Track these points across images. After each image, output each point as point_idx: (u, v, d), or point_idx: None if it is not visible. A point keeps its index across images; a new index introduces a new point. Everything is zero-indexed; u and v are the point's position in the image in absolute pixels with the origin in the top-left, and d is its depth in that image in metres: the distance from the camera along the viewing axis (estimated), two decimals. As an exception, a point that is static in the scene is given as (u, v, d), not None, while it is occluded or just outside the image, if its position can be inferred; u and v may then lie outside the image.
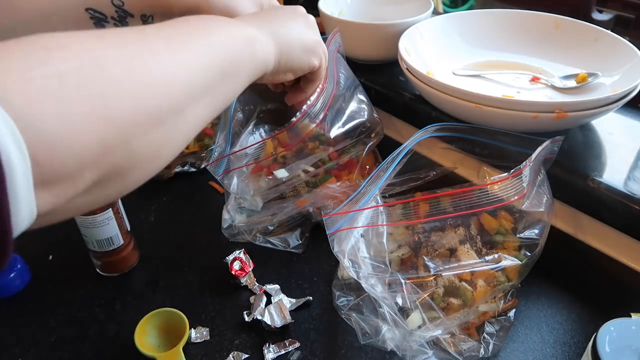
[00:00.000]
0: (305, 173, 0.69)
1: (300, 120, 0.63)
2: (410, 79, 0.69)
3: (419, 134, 0.60)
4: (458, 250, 0.58)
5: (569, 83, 0.70)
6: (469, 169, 0.72)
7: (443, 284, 0.56)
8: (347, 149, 0.71)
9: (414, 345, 0.53)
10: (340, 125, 0.70)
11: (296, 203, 0.68)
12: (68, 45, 0.27)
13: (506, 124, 0.62)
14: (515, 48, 0.79)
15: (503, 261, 0.55)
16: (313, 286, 0.65)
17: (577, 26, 0.75)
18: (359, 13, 0.91)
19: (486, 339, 0.55)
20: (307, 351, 0.57)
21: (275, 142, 0.68)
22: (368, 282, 0.53)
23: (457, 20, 0.81)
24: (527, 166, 0.53)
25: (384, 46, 0.80)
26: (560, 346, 0.56)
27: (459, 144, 0.66)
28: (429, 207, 0.57)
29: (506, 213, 0.60)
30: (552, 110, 0.58)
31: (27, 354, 0.58)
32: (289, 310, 0.60)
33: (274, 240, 0.71)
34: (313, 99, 0.62)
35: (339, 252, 0.53)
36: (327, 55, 0.55)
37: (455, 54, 0.79)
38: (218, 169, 0.64)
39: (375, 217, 0.56)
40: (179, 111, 0.33)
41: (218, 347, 0.58)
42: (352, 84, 0.74)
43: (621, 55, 0.68)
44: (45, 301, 0.64)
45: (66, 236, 0.73)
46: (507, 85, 0.72)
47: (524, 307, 0.60)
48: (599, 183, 0.59)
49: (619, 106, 0.60)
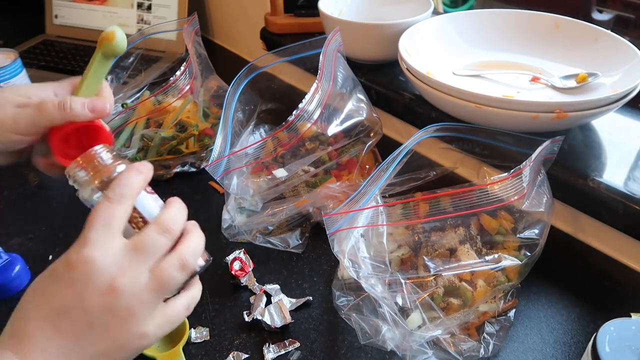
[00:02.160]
0: (305, 173, 0.69)
1: (297, 119, 0.63)
2: (410, 79, 0.69)
3: (419, 134, 0.60)
4: (458, 250, 0.58)
5: (569, 83, 0.70)
6: (469, 169, 0.72)
7: (443, 284, 0.56)
8: (346, 148, 0.71)
9: (414, 345, 0.53)
10: (339, 123, 0.70)
11: (296, 203, 0.68)
12: None
13: (506, 124, 0.62)
14: (515, 48, 0.79)
15: (503, 261, 0.55)
16: (313, 286, 0.65)
17: (577, 26, 0.75)
18: (359, 13, 0.91)
19: (486, 339, 0.55)
20: (307, 351, 0.57)
21: (275, 142, 0.68)
22: (368, 282, 0.53)
23: (457, 20, 0.81)
24: (527, 166, 0.53)
25: (384, 46, 0.80)
26: (560, 346, 0.56)
27: (459, 144, 0.66)
28: (429, 207, 0.58)
29: (506, 213, 0.60)
30: (552, 110, 0.58)
31: (27, 354, 0.58)
32: (289, 310, 0.60)
33: (274, 240, 0.71)
34: (308, 98, 0.62)
35: (339, 252, 0.53)
36: None
37: (455, 54, 0.79)
38: (217, 170, 0.64)
39: (375, 217, 0.56)
40: None
41: (218, 347, 0.58)
42: (351, 83, 0.74)
43: (621, 55, 0.68)
44: (45, 301, 0.64)
45: (66, 236, 0.73)
46: (507, 85, 0.72)
47: (524, 307, 0.60)
48: (599, 183, 0.59)
49: (619, 106, 0.60)
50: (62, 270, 0.37)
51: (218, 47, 1.28)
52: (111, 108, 0.48)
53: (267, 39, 1.02)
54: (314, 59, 0.68)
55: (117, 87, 0.88)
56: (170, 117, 0.84)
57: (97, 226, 0.38)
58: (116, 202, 0.39)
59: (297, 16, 0.98)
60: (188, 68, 0.83)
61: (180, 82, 0.83)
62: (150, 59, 1.11)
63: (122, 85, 0.89)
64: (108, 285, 0.37)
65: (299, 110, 0.63)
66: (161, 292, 0.39)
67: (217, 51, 1.26)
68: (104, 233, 0.38)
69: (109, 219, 0.38)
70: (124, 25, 1.23)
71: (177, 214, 0.42)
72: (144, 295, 0.38)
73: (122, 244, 0.38)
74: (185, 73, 0.83)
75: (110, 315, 0.37)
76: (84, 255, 0.37)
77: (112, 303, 0.37)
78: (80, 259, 0.37)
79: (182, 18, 1.17)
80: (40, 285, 0.39)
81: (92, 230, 0.38)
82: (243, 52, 1.23)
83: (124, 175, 0.41)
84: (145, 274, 0.38)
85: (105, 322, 0.37)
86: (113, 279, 0.37)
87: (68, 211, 0.78)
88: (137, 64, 0.90)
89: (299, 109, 0.63)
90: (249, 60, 0.74)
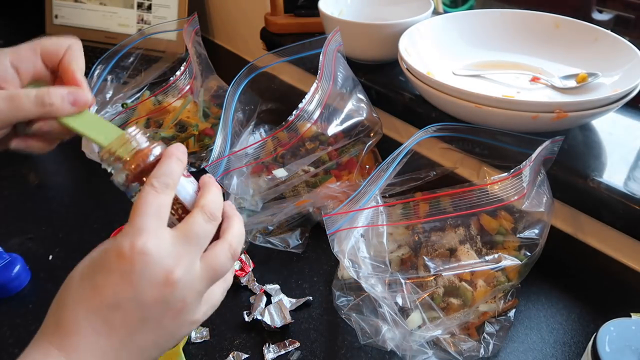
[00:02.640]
0: (305, 173, 0.69)
1: (297, 118, 0.63)
2: (410, 79, 0.69)
3: (419, 134, 0.60)
4: (458, 250, 0.58)
5: (569, 83, 0.70)
6: (469, 169, 0.72)
7: (443, 284, 0.56)
8: (346, 148, 0.71)
9: (414, 345, 0.53)
10: (339, 123, 0.70)
11: (296, 203, 0.68)
12: None
13: (506, 124, 0.62)
14: (515, 48, 0.79)
15: (503, 261, 0.55)
16: (313, 286, 0.65)
17: (577, 26, 0.75)
18: (359, 13, 0.90)
19: (486, 339, 0.55)
20: (307, 351, 0.57)
21: (275, 142, 0.68)
22: (368, 282, 0.53)
23: (457, 20, 0.81)
24: (527, 166, 0.53)
25: (384, 46, 0.80)
26: (560, 346, 0.56)
27: (459, 144, 0.66)
28: (429, 207, 0.58)
29: (506, 213, 0.60)
30: (552, 110, 0.58)
31: (27, 354, 0.58)
32: (289, 310, 0.60)
33: (274, 240, 0.71)
34: (308, 98, 0.62)
35: (339, 252, 0.53)
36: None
37: (455, 54, 0.79)
38: (217, 170, 0.64)
39: (375, 217, 0.56)
40: None
41: (218, 347, 0.58)
42: (351, 83, 0.74)
43: (621, 55, 0.68)
44: (45, 301, 0.64)
45: (66, 236, 0.73)
46: (507, 85, 0.72)
47: (524, 307, 0.60)
48: (599, 183, 0.59)
49: (619, 106, 0.60)
50: (114, 261, 0.35)
51: (218, 47, 1.28)
52: (93, 98, 0.43)
53: (267, 39, 1.02)
54: (314, 59, 0.68)
55: (117, 87, 0.88)
56: (170, 117, 0.84)
57: (148, 215, 0.36)
58: (162, 191, 0.37)
59: (297, 16, 0.98)
60: (188, 68, 0.83)
61: (180, 82, 0.83)
62: (150, 59, 1.11)
63: (122, 85, 0.89)
64: (164, 278, 0.35)
65: (299, 110, 0.63)
66: (212, 281, 0.39)
67: (217, 51, 1.26)
68: (156, 222, 0.36)
69: (158, 208, 0.36)
70: (124, 25, 1.23)
71: (217, 198, 0.40)
72: (197, 285, 0.37)
73: (172, 233, 0.37)
74: (185, 73, 0.83)
75: (165, 308, 0.36)
76: (138, 246, 0.34)
77: (168, 295, 0.36)
78: (135, 250, 0.34)
79: (182, 18, 1.17)
80: (87, 276, 0.36)
81: (144, 219, 0.35)
82: (243, 52, 1.23)
83: (167, 163, 0.39)
84: (198, 263, 0.37)
85: (159, 314, 0.36)
86: (169, 271, 0.35)
87: (68, 211, 0.78)
88: (137, 64, 0.90)
89: (299, 109, 0.63)
90: (249, 60, 0.74)
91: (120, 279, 0.35)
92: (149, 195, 0.36)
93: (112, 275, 0.35)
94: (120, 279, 0.35)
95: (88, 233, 0.73)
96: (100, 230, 0.73)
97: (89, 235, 0.73)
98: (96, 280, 0.35)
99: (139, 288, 0.35)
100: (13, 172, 0.86)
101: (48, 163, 0.89)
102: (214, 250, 0.39)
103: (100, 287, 0.35)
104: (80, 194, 0.84)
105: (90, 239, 0.72)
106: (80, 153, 0.77)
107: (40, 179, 0.85)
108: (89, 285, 0.36)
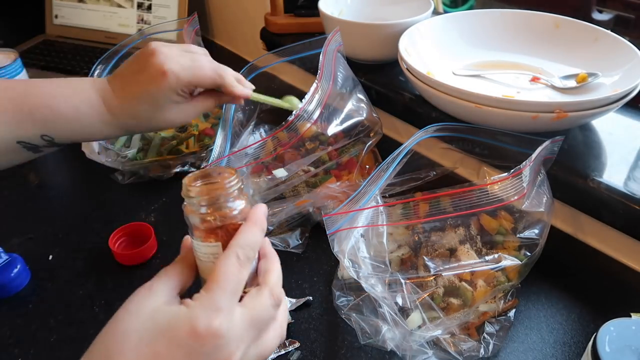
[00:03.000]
0: (305, 173, 0.69)
1: (297, 118, 0.63)
2: (410, 79, 0.69)
3: (419, 134, 0.60)
4: (458, 250, 0.58)
5: (569, 83, 0.70)
6: (469, 169, 0.72)
7: (443, 284, 0.56)
8: (346, 148, 0.71)
9: (414, 345, 0.53)
10: (339, 123, 0.70)
11: (296, 203, 0.68)
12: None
13: (506, 124, 0.62)
14: (515, 48, 0.79)
15: (503, 261, 0.55)
16: (313, 286, 0.65)
17: (577, 26, 0.75)
18: (359, 13, 0.91)
19: (486, 339, 0.55)
20: (307, 351, 0.57)
21: (275, 142, 0.68)
22: (368, 282, 0.53)
23: (457, 20, 0.81)
24: (527, 166, 0.53)
25: (384, 46, 0.80)
26: (560, 346, 0.56)
27: (459, 144, 0.66)
28: (429, 207, 0.58)
29: (506, 213, 0.60)
30: (552, 110, 0.58)
31: (27, 354, 0.58)
32: (289, 310, 0.60)
33: (274, 240, 0.71)
34: (308, 97, 0.62)
35: (339, 252, 0.53)
36: None
37: (455, 54, 0.79)
38: (218, 169, 0.64)
39: (375, 217, 0.56)
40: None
41: (218, 347, 0.58)
42: (351, 83, 0.74)
43: (621, 55, 0.68)
44: (45, 301, 0.64)
45: (66, 236, 0.73)
46: (507, 85, 0.72)
47: (524, 307, 0.60)
48: (599, 183, 0.59)
49: (619, 106, 0.60)
50: (185, 336, 0.34)
51: (218, 47, 1.28)
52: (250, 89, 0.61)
53: (267, 39, 1.02)
54: (314, 59, 0.68)
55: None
56: (170, 117, 0.84)
57: (227, 291, 0.36)
58: (243, 265, 0.37)
59: (297, 16, 0.98)
60: (188, 68, 0.83)
61: (181, 82, 0.83)
62: (151, 59, 1.11)
63: (122, 85, 0.89)
64: (225, 359, 0.35)
65: (299, 110, 0.63)
66: (259, 338, 0.39)
67: (217, 51, 1.26)
68: (231, 300, 0.36)
69: (237, 284, 0.36)
70: (124, 25, 1.23)
71: (280, 278, 0.41)
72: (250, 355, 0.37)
73: (242, 316, 0.36)
74: (185, 73, 0.83)
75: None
76: (214, 327, 0.34)
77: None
78: (210, 332, 0.34)
79: (182, 18, 1.17)
80: (148, 341, 0.35)
81: (223, 296, 0.35)
82: (243, 52, 1.23)
83: (252, 233, 0.38)
84: (254, 348, 0.37)
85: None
86: (231, 353, 0.35)
87: (68, 211, 0.78)
88: (137, 64, 0.90)
89: (299, 108, 0.63)
90: (249, 60, 0.74)
91: (186, 356, 0.34)
92: (232, 268, 0.36)
93: (180, 350, 0.34)
94: (187, 356, 0.34)
95: (88, 233, 0.73)
96: (100, 230, 0.73)
97: (89, 235, 0.73)
98: (158, 349, 0.34)
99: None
100: (13, 172, 0.85)
101: (48, 163, 0.89)
102: (268, 335, 0.39)
103: (162, 357, 0.34)
104: (80, 194, 0.83)
105: (90, 239, 0.72)
106: (80, 153, 0.77)
107: (40, 179, 0.85)
108: (149, 352, 0.34)
